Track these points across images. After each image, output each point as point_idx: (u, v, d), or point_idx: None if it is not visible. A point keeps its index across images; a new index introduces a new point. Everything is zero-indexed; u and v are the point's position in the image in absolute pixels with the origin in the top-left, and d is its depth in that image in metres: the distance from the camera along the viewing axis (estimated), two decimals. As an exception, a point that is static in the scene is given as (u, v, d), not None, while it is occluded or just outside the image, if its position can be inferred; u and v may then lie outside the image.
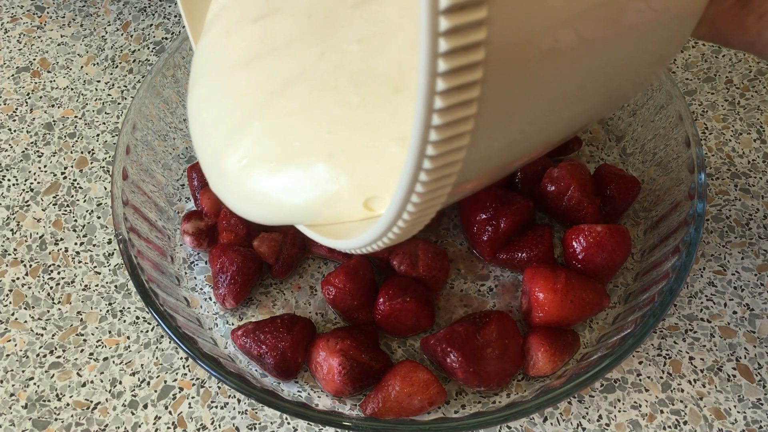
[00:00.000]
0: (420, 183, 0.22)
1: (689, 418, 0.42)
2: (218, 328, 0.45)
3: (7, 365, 0.45)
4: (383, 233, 0.26)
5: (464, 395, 0.42)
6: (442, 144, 0.21)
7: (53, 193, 0.51)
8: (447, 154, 0.21)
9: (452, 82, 0.19)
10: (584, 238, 0.43)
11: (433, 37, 0.18)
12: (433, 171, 0.22)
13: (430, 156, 0.21)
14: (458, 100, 0.19)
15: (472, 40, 0.18)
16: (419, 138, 0.20)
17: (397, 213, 0.24)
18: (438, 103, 0.19)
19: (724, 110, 0.54)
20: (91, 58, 0.58)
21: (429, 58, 0.18)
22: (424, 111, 0.20)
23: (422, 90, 0.19)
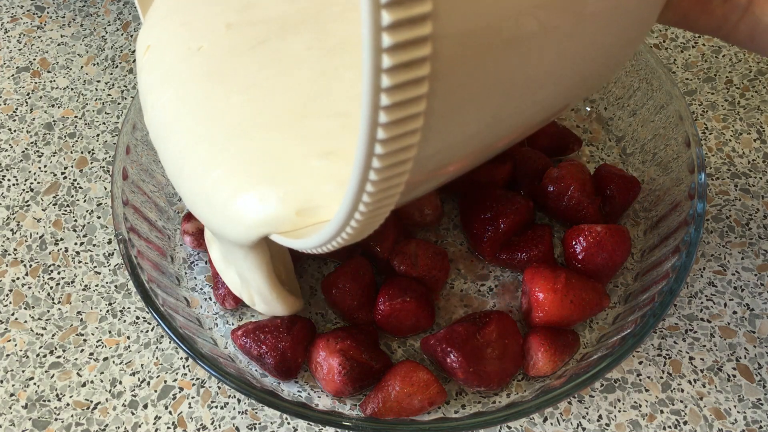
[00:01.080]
0: (370, 182, 0.22)
1: (689, 418, 0.42)
2: (218, 328, 0.45)
3: (7, 365, 0.45)
4: (335, 234, 0.26)
5: (464, 395, 0.42)
6: (390, 143, 0.20)
7: (53, 193, 0.51)
8: (396, 153, 0.21)
9: (398, 78, 0.18)
10: (584, 238, 0.43)
11: (375, 33, 0.17)
12: (383, 170, 0.21)
13: (379, 154, 0.20)
14: (405, 97, 0.19)
15: (417, 35, 0.18)
16: (366, 137, 0.20)
17: (347, 213, 0.24)
18: (384, 101, 0.19)
19: (724, 110, 0.54)
20: (91, 58, 0.58)
21: (372, 52, 0.18)
22: (370, 110, 0.19)
23: (367, 87, 0.19)
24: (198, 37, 0.36)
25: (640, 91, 0.49)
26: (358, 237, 0.27)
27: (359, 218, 0.24)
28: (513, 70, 0.23)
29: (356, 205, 0.23)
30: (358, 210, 0.23)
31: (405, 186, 0.23)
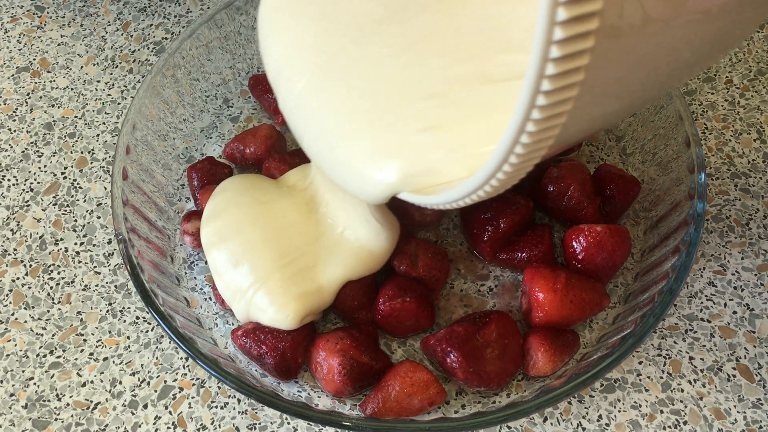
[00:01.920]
0: (532, 121, 0.23)
1: (689, 418, 0.42)
2: (218, 328, 0.45)
3: (7, 365, 0.45)
4: (490, 176, 0.27)
5: (464, 395, 0.42)
6: (558, 79, 0.21)
7: (53, 193, 0.51)
8: (556, 105, 0.22)
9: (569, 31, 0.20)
10: (584, 238, 0.43)
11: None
12: (546, 108, 0.22)
13: (545, 91, 0.22)
14: (573, 50, 0.20)
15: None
16: (533, 81, 0.21)
17: (507, 150, 0.25)
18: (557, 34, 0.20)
19: (724, 110, 0.54)
20: (91, 58, 0.58)
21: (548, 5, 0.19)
22: (542, 46, 0.20)
23: (541, 28, 0.20)
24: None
25: (640, 91, 0.49)
26: (501, 188, 0.29)
27: (514, 161, 0.25)
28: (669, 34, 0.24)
29: (510, 150, 0.25)
30: (514, 152, 0.25)
31: (555, 139, 0.24)
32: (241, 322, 0.43)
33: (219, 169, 0.49)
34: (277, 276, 0.42)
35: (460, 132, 0.34)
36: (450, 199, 0.31)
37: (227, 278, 0.42)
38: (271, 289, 0.41)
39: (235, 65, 0.55)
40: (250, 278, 0.42)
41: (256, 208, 0.44)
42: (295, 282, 0.42)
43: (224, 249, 0.43)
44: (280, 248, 0.43)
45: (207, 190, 0.47)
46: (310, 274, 0.42)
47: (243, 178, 0.47)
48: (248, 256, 0.42)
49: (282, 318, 0.41)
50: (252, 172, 0.51)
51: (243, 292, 0.42)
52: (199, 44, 0.52)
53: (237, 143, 0.50)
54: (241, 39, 0.54)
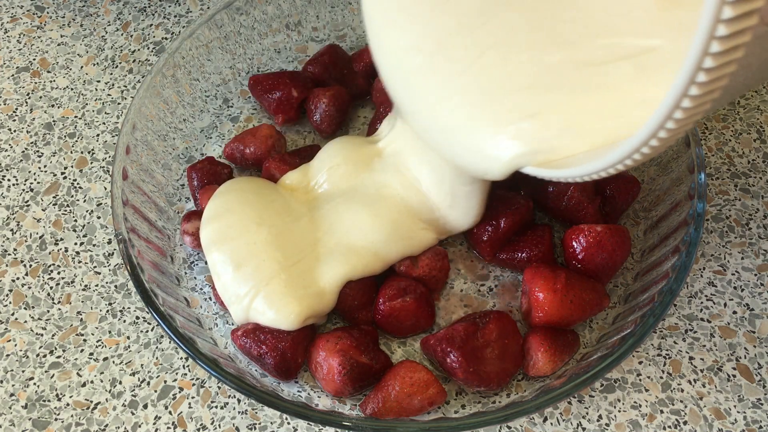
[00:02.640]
0: (704, 70, 0.23)
1: (689, 418, 0.42)
2: (218, 328, 0.45)
3: (7, 365, 0.45)
4: (658, 128, 0.27)
5: (464, 395, 0.42)
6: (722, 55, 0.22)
7: (53, 193, 0.51)
8: (728, 53, 0.23)
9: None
10: (584, 238, 0.43)
11: None
12: (719, 55, 0.23)
13: (720, 36, 0.22)
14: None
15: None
16: (704, 38, 0.22)
17: (675, 101, 0.25)
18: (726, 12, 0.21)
19: (724, 110, 0.54)
20: (91, 58, 0.58)
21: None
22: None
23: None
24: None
25: (640, 91, 0.49)
26: (654, 153, 0.29)
27: (680, 116, 0.26)
28: None
29: (678, 102, 0.25)
30: (681, 107, 0.25)
31: (721, 91, 0.25)
32: (237, 324, 0.43)
33: (219, 169, 0.49)
34: (283, 277, 0.42)
35: (573, 112, 0.36)
36: (595, 168, 0.32)
37: (226, 279, 0.42)
38: (275, 291, 0.41)
39: (235, 65, 0.55)
40: (251, 280, 0.42)
41: (256, 209, 0.44)
42: (297, 284, 0.42)
43: (224, 250, 0.43)
44: (282, 250, 0.43)
45: (207, 190, 0.47)
46: (311, 276, 0.42)
47: (243, 180, 0.47)
48: (249, 258, 0.42)
49: (283, 319, 0.41)
50: (252, 172, 0.51)
51: (244, 293, 0.42)
52: (199, 44, 0.52)
53: (237, 143, 0.50)
54: (241, 39, 0.54)
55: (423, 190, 0.45)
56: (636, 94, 0.35)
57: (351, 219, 0.44)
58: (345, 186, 0.46)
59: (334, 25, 0.57)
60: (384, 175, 0.45)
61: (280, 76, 0.52)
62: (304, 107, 0.52)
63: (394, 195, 0.45)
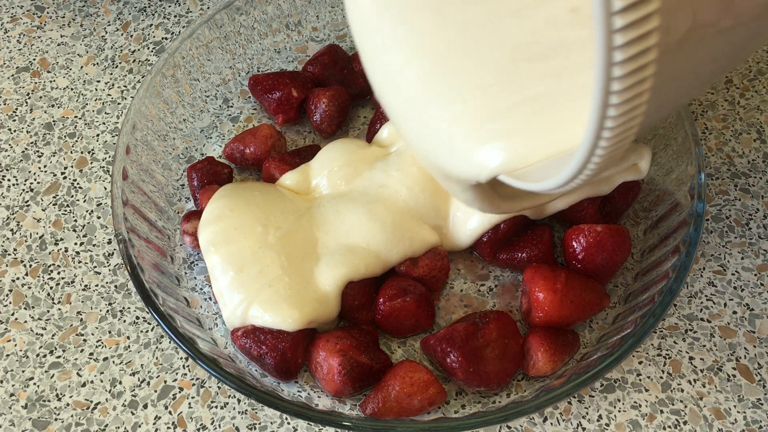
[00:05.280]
0: (612, 106, 0.23)
1: (689, 418, 0.42)
2: (218, 328, 0.45)
3: (7, 365, 0.45)
4: (580, 168, 0.28)
5: (464, 395, 0.42)
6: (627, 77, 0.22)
7: (53, 193, 0.51)
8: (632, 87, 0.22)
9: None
10: (584, 238, 0.43)
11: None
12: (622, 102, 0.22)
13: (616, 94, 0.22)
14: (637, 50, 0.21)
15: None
16: (603, 74, 0.22)
17: (592, 143, 0.25)
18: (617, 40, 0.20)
19: (724, 110, 0.54)
20: (91, 58, 0.58)
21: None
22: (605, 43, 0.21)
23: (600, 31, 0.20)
24: None
25: (640, 91, 0.49)
26: (600, 172, 0.28)
27: (605, 145, 0.25)
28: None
29: (588, 153, 0.25)
30: (602, 137, 0.25)
31: (643, 118, 0.24)
32: (228, 327, 0.43)
33: (219, 169, 0.49)
34: (286, 280, 0.42)
35: (543, 120, 0.35)
36: (549, 187, 0.31)
37: (225, 282, 0.42)
38: (276, 295, 0.41)
39: (235, 65, 0.55)
40: (253, 284, 0.42)
41: (260, 211, 0.44)
42: (299, 287, 0.42)
43: (225, 253, 0.43)
44: (286, 252, 0.43)
45: (207, 190, 0.47)
46: (312, 278, 0.42)
47: (242, 183, 0.47)
48: (253, 261, 0.42)
49: (282, 323, 0.41)
50: (252, 172, 0.51)
51: (242, 298, 0.41)
52: (199, 44, 0.52)
53: (237, 143, 0.50)
54: (241, 39, 0.54)
55: (426, 190, 0.45)
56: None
57: (351, 219, 0.44)
58: (345, 187, 0.46)
59: (334, 25, 0.57)
60: (385, 176, 0.45)
61: (280, 76, 0.52)
62: (304, 107, 0.52)
63: (395, 195, 0.45)
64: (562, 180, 0.30)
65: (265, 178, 0.49)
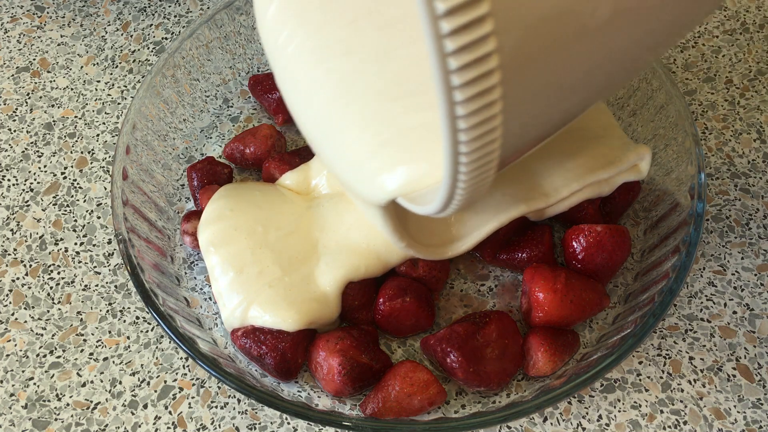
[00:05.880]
0: (461, 165, 0.23)
1: (689, 418, 0.42)
2: (218, 328, 0.45)
3: (7, 365, 0.45)
4: (446, 203, 0.28)
5: (464, 395, 0.42)
6: (472, 133, 0.22)
7: (53, 193, 0.51)
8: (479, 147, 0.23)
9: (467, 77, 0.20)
10: (584, 238, 0.43)
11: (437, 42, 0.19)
12: (469, 154, 0.23)
13: (463, 143, 0.22)
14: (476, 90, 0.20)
15: (477, 35, 0.19)
16: (448, 129, 0.22)
17: (448, 191, 0.26)
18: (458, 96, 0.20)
19: (724, 110, 0.54)
20: (91, 58, 0.58)
21: (438, 61, 0.19)
22: (446, 105, 0.21)
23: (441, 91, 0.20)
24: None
25: (640, 91, 0.49)
26: (470, 203, 0.29)
27: (459, 194, 0.26)
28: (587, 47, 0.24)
29: (453, 187, 0.26)
30: (457, 188, 0.26)
31: (497, 162, 0.25)
32: (226, 328, 0.43)
33: (219, 169, 0.49)
34: (286, 281, 0.42)
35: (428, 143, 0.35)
36: (428, 212, 0.31)
37: (224, 282, 0.42)
38: (276, 295, 0.41)
39: (235, 65, 0.55)
40: (253, 284, 0.42)
41: (261, 211, 0.44)
42: (299, 288, 0.42)
43: (225, 253, 0.43)
44: (286, 253, 0.43)
45: (207, 190, 0.47)
46: (313, 278, 0.42)
47: (242, 183, 0.47)
48: (254, 262, 0.42)
49: (282, 324, 0.41)
50: (252, 172, 0.51)
51: (242, 299, 0.41)
52: (199, 44, 0.52)
53: (237, 143, 0.50)
54: (241, 39, 0.54)
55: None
56: None
57: (351, 219, 0.44)
58: None
59: (334, 25, 0.57)
60: None
61: (280, 76, 0.52)
62: (304, 107, 0.52)
63: None
64: (435, 208, 0.30)
65: (265, 178, 0.49)
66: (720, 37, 0.58)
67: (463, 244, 0.43)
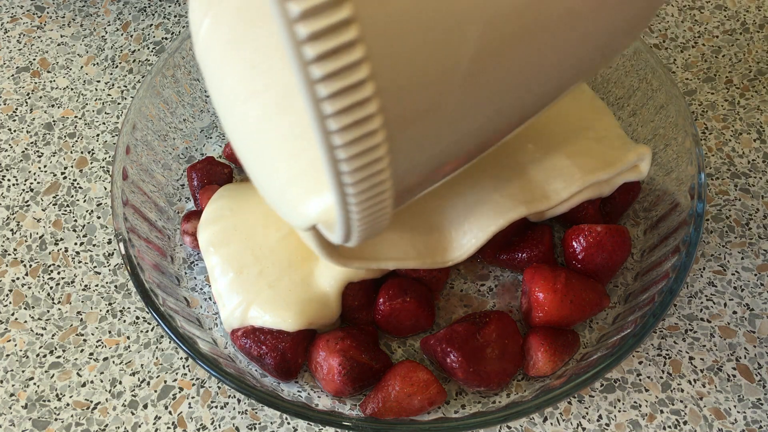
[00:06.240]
0: (349, 205, 0.23)
1: (689, 418, 0.42)
2: (218, 328, 0.45)
3: (7, 365, 0.45)
4: (345, 238, 0.28)
5: (464, 395, 0.42)
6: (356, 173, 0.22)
7: (53, 193, 0.51)
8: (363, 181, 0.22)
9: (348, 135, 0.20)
10: (584, 238, 0.43)
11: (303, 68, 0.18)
12: (356, 194, 0.23)
13: (347, 183, 0.22)
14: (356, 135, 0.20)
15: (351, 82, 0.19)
16: (330, 166, 0.21)
17: (344, 227, 0.26)
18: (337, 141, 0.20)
19: (724, 110, 0.54)
20: (91, 58, 0.58)
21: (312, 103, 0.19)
22: (326, 147, 0.20)
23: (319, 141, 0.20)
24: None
25: (640, 91, 0.49)
26: (369, 237, 0.28)
27: (357, 230, 0.26)
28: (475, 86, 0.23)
29: (346, 222, 0.26)
30: (352, 229, 0.26)
31: (391, 194, 0.24)
32: (225, 328, 0.43)
33: (219, 169, 0.49)
34: (285, 281, 0.42)
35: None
36: (336, 240, 0.32)
37: (224, 283, 0.42)
38: (276, 296, 0.41)
39: (235, 65, 0.55)
40: (252, 285, 0.42)
41: (256, 212, 0.44)
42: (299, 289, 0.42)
43: (225, 254, 0.43)
44: (287, 253, 0.43)
45: (207, 190, 0.47)
46: (313, 278, 0.42)
47: (242, 183, 0.47)
48: (254, 262, 0.42)
49: (282, 324, 0.41)
50: (252, 172, 0.51)
51: (241, 299, 0.41)
52: (199, 44, 0.51)
53: (237, 143, 0.50)
54: (241, 39, 0.54)
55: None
56: None
57: None
58: None
59: (334, 25, 0.57)
60: None
61: (280, 76, 0.52)
62: (304, 107, 0.52)
63: None
64: (338, 239, 0.30)
65: (265, 178, 0.49)
66: (720, 37, 0.58)
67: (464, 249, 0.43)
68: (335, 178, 0.22)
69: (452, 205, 0.43)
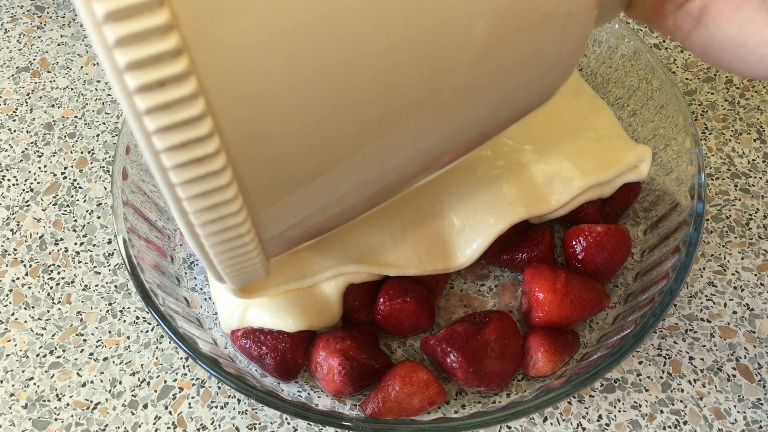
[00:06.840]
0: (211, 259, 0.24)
1: (689, 418, 0.42)
2: (218, 328, 0.45)
3: (7, 365, 0.45)
4: (227, 286, 0.29)
5: (464, 395, 0.42)
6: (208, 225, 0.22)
7: (53, 193, 0.51)
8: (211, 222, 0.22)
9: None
10: (584, 238, 0.43)
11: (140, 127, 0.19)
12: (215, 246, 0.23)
13: (203, 235, 0.22)
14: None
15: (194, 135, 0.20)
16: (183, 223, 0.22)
17: (216, 277, 0.27)
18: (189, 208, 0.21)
19: (724, 110, 0.54)
20: (91, 58, 0.58)
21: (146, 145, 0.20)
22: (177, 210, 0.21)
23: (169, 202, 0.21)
24: None
25: (640, 91, 0.49)
26: (252, 279, 0.29)
27: (224, 271, 0.27)
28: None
29: (215, 273, 0.26)
30: (226, 280, 0.26)
31: (256, 246, 0.25)
32: (223, 329, 0.43)
33: (219, 169, 0.48)
34: None
35: None
36: (212, 281, 0.32)
37: None
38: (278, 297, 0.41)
39: (235, 65, 0.55)
40: None
41: None
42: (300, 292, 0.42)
43: None
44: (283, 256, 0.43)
45: (207, 190, 0.47)
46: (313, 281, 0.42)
47: None
48: None
49: (281, 322, 0.41)
50: (252, 172, 0.51)
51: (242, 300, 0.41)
52: (199, 44, 0.51)
53: (237, 143, 0.50)
54: (241, 39, 0.54)
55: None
56: None
57: None
58: None
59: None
60: None
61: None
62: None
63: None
64: (214, 282, 0.30)
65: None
66: (720, 37, 0.58)
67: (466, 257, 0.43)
68: (182, 217, 0.22)
69: (452, 209, 0.43)
